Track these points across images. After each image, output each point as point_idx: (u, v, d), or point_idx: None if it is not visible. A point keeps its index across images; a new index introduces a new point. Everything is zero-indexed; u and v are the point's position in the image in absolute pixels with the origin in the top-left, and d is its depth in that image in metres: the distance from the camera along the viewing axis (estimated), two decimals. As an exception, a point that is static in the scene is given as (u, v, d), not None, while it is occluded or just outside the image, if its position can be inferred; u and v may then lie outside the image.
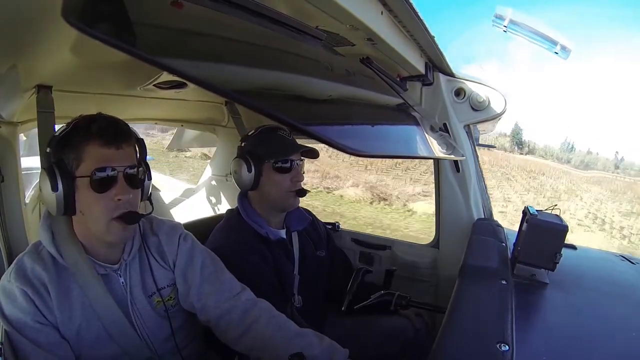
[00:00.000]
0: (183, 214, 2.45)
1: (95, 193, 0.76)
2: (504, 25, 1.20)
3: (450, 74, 1.41)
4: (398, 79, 1.26)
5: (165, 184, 3.28)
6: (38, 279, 0.77)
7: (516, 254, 1.06)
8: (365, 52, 1.01)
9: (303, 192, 1.19)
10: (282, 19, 0.66)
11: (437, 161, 1.48)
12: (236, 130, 1.80)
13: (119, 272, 0.85)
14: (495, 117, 1.42)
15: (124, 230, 0.80)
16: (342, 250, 1.49)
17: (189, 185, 2.85)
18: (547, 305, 0.95)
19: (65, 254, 0.79)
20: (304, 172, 1.21)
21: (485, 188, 1.56)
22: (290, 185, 1.17)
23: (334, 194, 11.36)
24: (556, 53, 1.22)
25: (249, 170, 1.14)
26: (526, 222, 1.05)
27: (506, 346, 0.66)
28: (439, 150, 1.04)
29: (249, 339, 0.88)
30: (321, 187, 11.74)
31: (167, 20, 0.47)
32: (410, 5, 0.81)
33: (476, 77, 1.41)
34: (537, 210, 1.07)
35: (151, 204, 0.89)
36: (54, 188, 0.74)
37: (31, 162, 2.03)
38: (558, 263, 0.99)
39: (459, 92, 1.42)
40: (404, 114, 1.12)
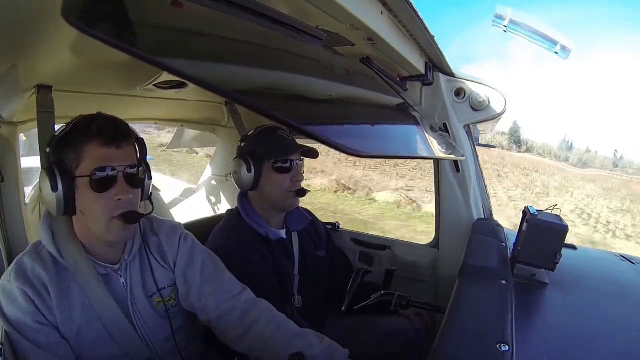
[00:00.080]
0: (183, 214, 2.45)
1: (95, 193, 0.76)
2: (504, 25, 1.20)
3: (450, 74, 1.40)
4: (398, 79, 1.25)
5: (165, 184, 3.29)
6: (38, 279, 0.77)
7: (516, 254, 1.06)
8: (365, 52, 1.01)
9: (303, 192, 1.19)
10: (282, 19, 0.66)
11: (437, 161, 1.48)
12: (236, 130, 1.80)
13: (120, 272, 0.85)
14: (495, 117, 1.42)
15: (124, 230, 0.80)
16: (342, 250, 1.49)
17: (189, 185, 2.85)
18: (547, 305, 0.94)
19: (65, 253, 0.79)
20: (303, 172, 1.21)
21: (486, 188, 1.56)
22: (290, 185, 1.17)
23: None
24: (556, 53, 1.22)
25: (249, 171, 1.14)
26: (526, 222, 1.05)
27: (506, 346, 0.66)
28: (439, 150, 1.04)
29: (249, 339, 0.88)
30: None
31: (167, 20, 0.47)
32: (410, 5, 0.81)
33: (476, 77, 1.41)
34: (538, 211, 1.07)
35: (151, 203, 0.89)
36: (54, 188, 0.74)
37: (31, 162, 2.03)
38: (558, 263, 0.99)
39: (459, 92, 1.42)
40: (404, 114, 1.12)
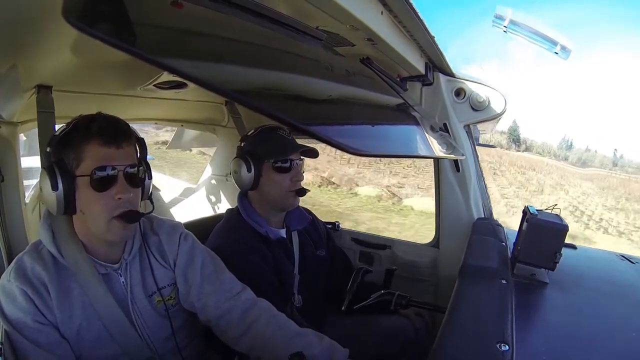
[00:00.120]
0: (183, 214, 2.45)
1: (96, 192, 0.76)
2: (504, 25, 1.20)
3: (450, 74, 1.40)
4: (398, 79, 1.25)
5: (165, 184, 3.28)
6: (38, 279, 0.77)
7: (516, 254, 1.06)
8: (365, 52, 1.01)
9: (303, 192, 1.19)
10: (282, 19, 0.66)
11: (437, 161, 1.48)
12: (236, 130, 1.80)
13: (120, 272, 0.85)
14: (496, 117, 1.42)
15: (124, 229, 0.80)
16: (342, 250, 1.48)
17: (189, 185, 2.85)
18: (547, 305, 0.94)
19: (65, 253, 0.79)
20: (303, 172, 1.21)
21: (486, 188, 1.56)
22: (290, 185, 1.17)
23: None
24: (556, 53, 1.22)
25: (249, 170, 1.15)
26: (526, 222, 1.05)
27: (506, 346, 0.66)
28: (439, 150, 1.04)
29: (249, 338, 0.88)
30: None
31: (167, 20, 0.47)
32: (410, 5, 0.81)
33: (476, 77, 1.41)
34: (537, 210, 1.07)
35: (152, 203, 0.89)
36: (54, 187, 0.74)
37: (31, 162, 2.03)
38: (558, 263, 0.99)
39: (459, 92, 1.42)
40: (404, 114, 1.12)
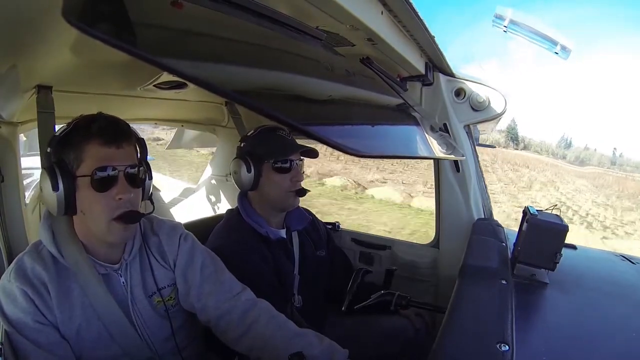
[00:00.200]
0: (183, 214, 2.45)
1: (96, 192, 0.76)
2: (504, 25, 1.20)
3: (450, 74, 1.40)
4: (398, 79, 1.25)
5: (165, 184, 3.29)
6: (38, 279, 0.77)
7: (516, 254, 1.06)
8: (365, 52, 1.01)
9: (303, 192, 1.19)
10: (282, 19, 0.66)
11: (437, 161, 1.48)
12: (236, 130, 1.80)
13: (120, 272, 0.85)
14: (496, 117, 1.42)
15: (124, 230, 0.80)
16: (342, 250, 1.49)
17: (189, 185, 2.85)
18: (547, 305, 0.94)
19: (65, 253, 0.79)
20: (303, 172, 1.21)
21: (486, 188, 1.56)
22: (290, 185, 1.17)
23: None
24: (556, 53, 1.22)
25: (249, 171, 1.15)
26: (526, 222, 1.05)
27: (506, 346, 0.66)
28: (439, 150, 1.04)
29: (249, 339, 0.88)
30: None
31: (167, 20, 0.47)
32: (410, 5, 0.81)
33: (476, 77, 1.41)
34: (538, 210, 1.07)
35: (152, 203, 0.89)
36: (55, 188, 0.74)
37: (31, 162, 2.03)
38: (558, 263, 0.99)
39: (459, 92, 1.42)
40: (404, 114, 1.12)
